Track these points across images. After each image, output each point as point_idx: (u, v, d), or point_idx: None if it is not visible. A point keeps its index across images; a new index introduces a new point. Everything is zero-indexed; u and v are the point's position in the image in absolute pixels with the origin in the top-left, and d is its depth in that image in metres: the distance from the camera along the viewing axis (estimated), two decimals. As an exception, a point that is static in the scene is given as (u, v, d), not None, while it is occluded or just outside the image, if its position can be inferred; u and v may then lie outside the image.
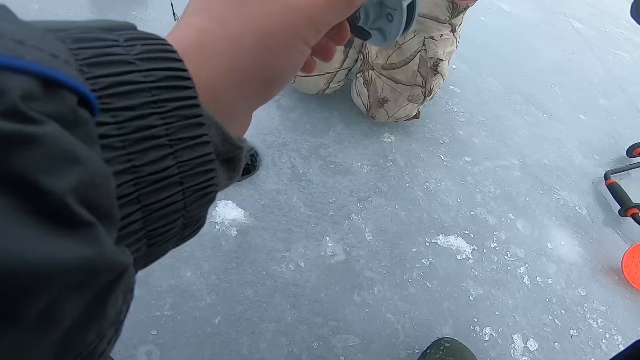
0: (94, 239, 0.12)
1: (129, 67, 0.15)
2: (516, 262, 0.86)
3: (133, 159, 0.15)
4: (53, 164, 0.11)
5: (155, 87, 0.15)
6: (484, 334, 0.75)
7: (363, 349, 0.69)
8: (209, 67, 0.19)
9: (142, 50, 0.15)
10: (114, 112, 0.14)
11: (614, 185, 1.02)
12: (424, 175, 0.97)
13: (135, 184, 0.15)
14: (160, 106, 0.15)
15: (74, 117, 0.12)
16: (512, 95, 1.27)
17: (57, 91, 0.12)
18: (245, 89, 0.20)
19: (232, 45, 0.19)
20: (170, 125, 0.15)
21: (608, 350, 0.78)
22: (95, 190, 0.12)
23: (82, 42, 0.14)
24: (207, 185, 0.17)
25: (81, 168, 0.11)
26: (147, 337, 0.64)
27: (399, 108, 0.96)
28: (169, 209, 0.16)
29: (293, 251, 0.78)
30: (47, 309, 0.11)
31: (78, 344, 0.12)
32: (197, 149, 0.16)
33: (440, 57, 0.87)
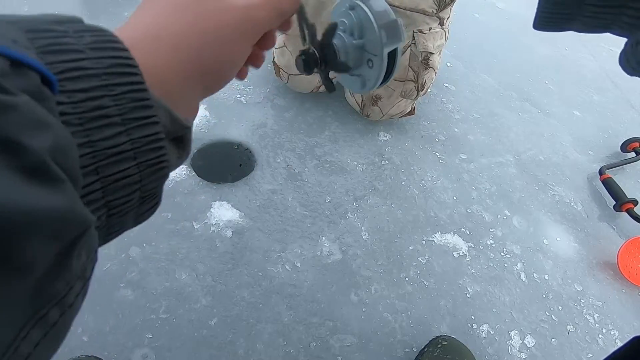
0: (67, 193, 0.13)
1: (80, 55, 0.16)
2: (512, 258, 0.86)
3: (90, 134, 0.16)
4: (31, 126, 0.12)
5: (105, 73, 0.17)
6: (482, 331, 0.75)
7: (360, 349, 0.69)
8: (156, 57, 0.21)
9: (91, 40, 0.17)
10: (69, 94, 0.16)
11: (609, 180, 1.02)
12: (419, 173, 0.97)
13: (93, 157, 0.16)
14: (111, 90, 0.17)
15: (40, 92, 0.14)
16: (506, 92, 1.27)
17: (23, 70, 0.13)
18: (190, 78, 0.23)
19: (177, 39, 0.22)
20: (121, 107, 0.17)
21: (605, 345, 0.78)
22: (63, 154, 0.14)
23: (35, 32, 0.16)
24: (159, 160, 0.19)
25: (52, 133, 0.13)
26: (142, 341, 0.63)
27: (392, 105, 0.96)
28: (126, 181, 0.18)
29: (289, 251, 0.78)
30: (26, 254, 0.12)
31: (49, 291, 0.14)
32: (147, 127, 0.18)
33: (431, 50, 0.87)
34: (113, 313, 0.65)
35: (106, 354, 0.61)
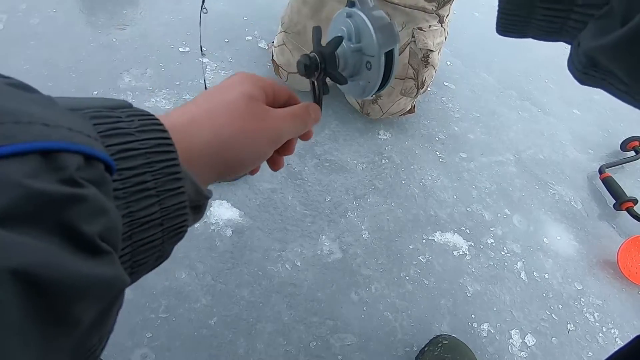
0: (113, 263, 0.16)
1: (131, 138, 0.20)
2: (513, 257, 0.86)
3: (130, 206, 0.19)
4: (91, 215, 0.15)
5: (148, 152, 0.21)
6: (482, 330, 0.75)
7: (361, 348, 0.69)
8: (191, 141, 0.26)
9: (139, 124, 0.21)
10: (120, 172, 0.19)
11: (609, 179, 1.02)
12: (419, 172, 0.97)
13: (130, 225, 0.19)
14: (151, 166, 0.20)
15: (103, 179, 0.17)
16: (506, 90, 1.27)
17: (93, 163, 0.17)
18: (212, 164, 0.27)
19: (212, 131, 0.27)
20: (158, 180, 0.21)
21: (605, 343, 0.78)
22: (112, 231, 0.17)
23: (98, 119, 0.20)
24: (180, 226, 0.23)
25: (107, 217, 0.16)
26: (142, 340, 0.63)
27: (392, 103, 0.96)
28: (151, 244, 0.21)
29: (289, 250, 0.77)
30: (76, 313, 0.14)
31: (86, 345, 0.16)
32: (176, 197, 0.22)
33: (430, 48, 0.86)
34: (112, 312, 0.65)
35: (105, 353, 0.61)
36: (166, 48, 1.05)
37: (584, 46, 0.23)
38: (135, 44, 1.05)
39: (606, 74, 0.23)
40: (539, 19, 0.25)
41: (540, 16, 0.25)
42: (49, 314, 0.13)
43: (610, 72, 0.22)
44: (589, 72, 0.24)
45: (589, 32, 0.22)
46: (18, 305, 0.12)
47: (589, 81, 0.25)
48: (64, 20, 1.06)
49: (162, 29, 1.09)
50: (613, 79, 0.22)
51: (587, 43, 0.23)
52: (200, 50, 0.83)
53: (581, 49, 0.23)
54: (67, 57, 0.98)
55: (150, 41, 1.06)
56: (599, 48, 0.22)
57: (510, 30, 0.27)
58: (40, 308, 0.13)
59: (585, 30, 0.23)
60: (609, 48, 0.21)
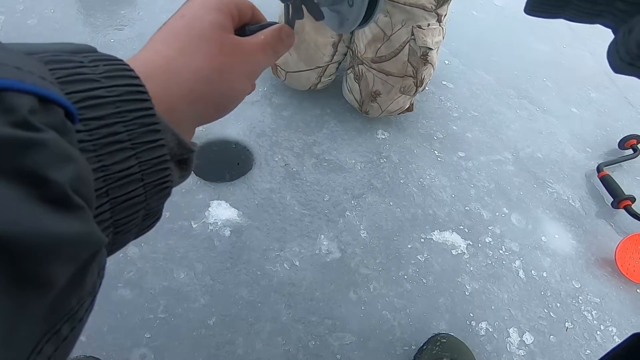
0: (86, 219, 0.15)
1: (96, 84, 0.18)
2: (511, 256, 0.87)
3: (102, 159, 0.18)
4: (56, 161, 0.14)
5: (118, 101, 0.19)
6: (480, 329, 0.75)
7: (359, 347, 0.69)
8: (170, 87, 0.24)
9: (105, 69, 0.19)
10: (85, 122, 0.17)
11: (607, 177, 1.02)
12: (418, 171, 0.97)
13: (105, 180, 0.18)
14: (123, 116, 0.19)
15: (64, 126, 0.15)
16: (504, 89, 1.27)
17: (50, 106, 0.15)
18: (196, 108, 0.25)
19: (191, 73, 0.25)
20: (132, 132, 0.19)
21: (603, 341, 0.79)
22: (83, 183, 0.15)
23: (55, 63, 0.17)
24: (163, 181, 0.21)
25: (75, 165, 0.15)
26: (140, 340, 0.63)
27: (391, 101, 0.96)
28: (133, 201, 0.19)
29: (288, 250, 0.78)
30: (48, 274, 0.13)
31: (63, 307, 0.15)
32: (155, 150, 0.20)
33: (430, 46, 0.87)
34: (111, 313, 0.65)
35: (104, 354, 0.61)
36: (164, 48, 1.05)
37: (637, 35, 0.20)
38: (134, 45, 1.05)
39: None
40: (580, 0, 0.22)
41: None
42: (16, 276, 0.12)
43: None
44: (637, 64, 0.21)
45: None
46: None
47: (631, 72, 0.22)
48: (62, 20, 1.06)
49: (160, 29, 1.09)
50: None
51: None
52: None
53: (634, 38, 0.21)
54: (65, 58, 0.98)
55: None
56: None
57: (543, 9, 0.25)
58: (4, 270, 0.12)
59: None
60: None
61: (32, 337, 0.13)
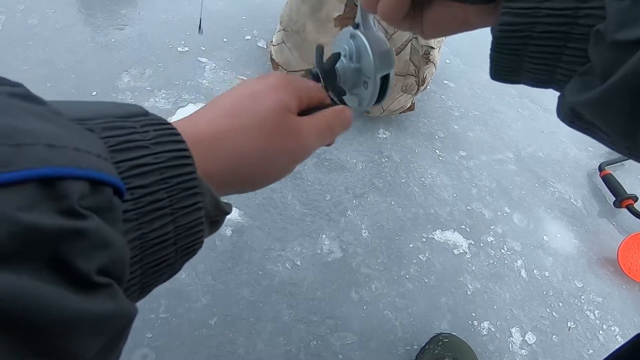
0: (115, 296, 0.15)
1: (145, 152, 0.18)
2: (513, 255, 0.86)
3: (142, 227, 0.18)
4: (90, 250, 0.14)
5: (163, 167, 0.19)
6: (482, 329, 0.75)
7: (361, 347, 0.69)
8: (213, 156, 0.24)
9: (155, 135, 0.19)
10: (132, 190, 0.18)
11: (609, 176, 1.02)
12: (419, 170, 0.97)
13: (141, 247, 0.18)
14: (166, 182, 0.19)
15: (110, 205, 0.16)
16: (506, 88, 1.26)
17: (101, 188, 0.15)
18: (231, 182, 0.25)
19: (234, 152, 0.25)
20: (173, 197, 0.19)
21: (605, 341, 0.78)
22: (116, 264, 0.16)
23: (109, 130, 0.18)
24: (194, 243, 0.21)
25: (110, 250, 0.15)
26: (142, 341, 0.63)
27: (393, 100, 0.96)
28: (162, 265, 0.20)
29: (289, 250, 0.77)
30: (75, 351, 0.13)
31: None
32: (192, 214, 0.20)
33: (432, 45, 0.87)
34: (112, 313, 0.65)
35: (106, 354, 0.61)
36: (165, 48, 1.05)
37: (567, 99, 0.24)
38: (134, 44, 1.04)
39: (590, 125, 0.23)
40: (529, 70, 0.26)
41: (530, 68, 0.26)
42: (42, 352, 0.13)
43: (592, 124, 0.23)
44: (575, 122, 0.25)
45: (572, 87, 0.23)
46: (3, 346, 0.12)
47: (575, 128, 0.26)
48: (63, 20, 1.06)
49: (161, 28, 1.09)
50: (596, 129, 0.23)
51: (571, 97, 0.23)
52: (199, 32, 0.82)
53: (566, 102, 0.24)
54: (65, 58, 0.98)
55: (149, 41, 1.06)
56: (581, 103, 0.22)
57: (503, 78, 0.28)
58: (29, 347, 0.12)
59: (570, 84, 0.24)
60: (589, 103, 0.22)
61: None
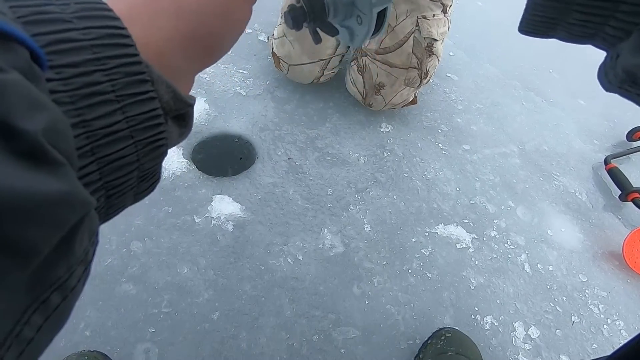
0: (68, 177, 0.13)
1: (67, 25, 0.15)
2: (516, 249, 0.86)
3: (82, 113, 0.15)
4: (24, 107, 0.11)
5: (95, 45, 0.16)
6: (485, 323, 0.74)
7: (363, 341, 0.68)
8: (153, 27, 0.20)
9: (77, 8, 0.16)
10: (58, 69, 0.14)
11: (614, 170, 1.01)
12: (422, 164, 0.96)
13: (88, 137, 0.15)
14: (103, 63, 0.16)
15: (30, 70, 0.13)
16: (510, 81, 1.25)
17: (12, 45, 0.12)
18: (189, 51, 0.21)
19: (175, 5, 0.20)
20: (115, 82, 0.16)
21: (609, 335, 0.78)
22: (59, 135, 0.13)
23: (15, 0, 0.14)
24: (157, 138, 0.18)
25: (47, 114, 0.12)
26: (144, 335, 0.63)
27: (395, 93, 0.95)
28: (123, 161, 0.17)
29: (291, 244, 0.77)
30: (26, 240, 0.11)
31: (50, 276, 0.13)
32: (144, 104, 0.17)
33: (435, 37, 0.85)
34: (115, 308, 0.65)
35: (109, 348, 0.61)
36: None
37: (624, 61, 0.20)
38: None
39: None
40: (572, 22, 0.22)
41: (574, 19, 0.22)
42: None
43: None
44: (624, 87, 0.22)
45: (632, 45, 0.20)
46: None
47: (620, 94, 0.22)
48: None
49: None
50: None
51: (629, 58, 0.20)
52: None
53: (620, 63, 0.21)
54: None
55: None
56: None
57: (536, 30, 0.25)
58: None
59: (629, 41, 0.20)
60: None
61: (15, 308, 0.12)
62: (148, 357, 0.62)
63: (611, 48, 0.22)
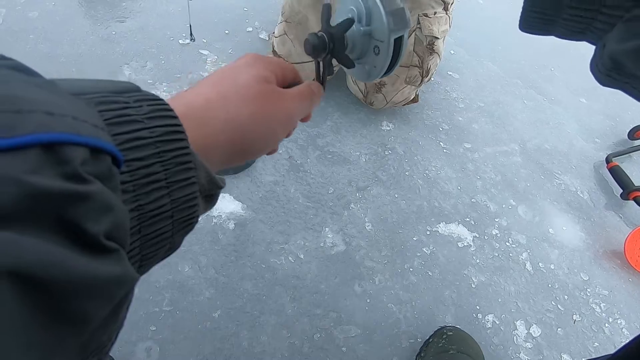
0: (121, 261, 0.16)
1: (139, 125, 0.19)
2: (518, 248, 0.86)
3: (139, 199, 0.18)
4: (96, 213, 0.15)
5: (158, 141, 0.19)
6: (487, 322, 0.74)
7: (365, 340, 0.68)
8: (206, 126, 0.25)
9: (148, 110, 0.20)
10: (128, 163, 0.18)
11: (616, 168, 1.01)
12: (423, 163, 0.96)
13: (139, 219, 0.18)
14: (161, 156, 0.19)
15: (110, 173, 0.16)
16: (511, 79, 1.25)
17: (100, 156, 0.16)
18: (226, 150, 0.26)
19: (228, 117, 0.26)
20: (168, 171, 0.19)
21: (611, 334, 0.78)
22: (119, 229, 0.16)
23: (104, 104, 0.18)
24: (191, 217, 0.21)
25: (113, 214, 0.15)
26: (146, 334, 0.63)
27: (396, 91, 0.94)
28: (160, 237, 0.20)
29: (292, 243, 0.77)
30: (85, 314, 0.14)
31: (95, 343, 0.16)
32: (186, 188, 0.20)
33: (436, 35, 0.85)
34: (116, 306, 0.65)
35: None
36: (166, 40, 1.04)
37: (609, 49, 0.22)
38: (135, 37, 1.04)
39: (630, 78, 0.22)
40: (566, 18, 0.24)
41: (568, 15, 0.24)
42: (54, 314, 0.13)
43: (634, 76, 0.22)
44: (612, 75, 0.23)
45: (616, 35, 0.22)
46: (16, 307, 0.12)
47: (611, 84, 0.24)
48: (63, 13, 1.05)
49: (162, 20, 1.08)
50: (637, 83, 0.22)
51: (614, 46, 0.22)
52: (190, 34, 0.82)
53: (606, 52, 0.23)
54: (66, 51, 0.97)
55: (149, 33, 1.05)
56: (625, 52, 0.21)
57: (534, 27, 0.27)
58: (43, 308, 0.12)
59: (613, 32, 0.22)
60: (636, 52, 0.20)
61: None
62: (149, 355, 0.62)
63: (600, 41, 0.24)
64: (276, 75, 0.31)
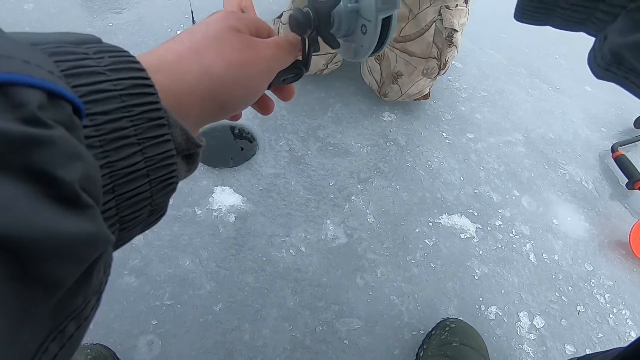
0: (96, 218, 0.14)
1: (101, 77, 0.17)
2: (521, 239, 0.85)
3: (108, 155, 0.17)
4: (65, 159, 0.13)
5: (124, 94, 0.18)
6: (490, 313, 0.74)
7: (367, 332, 0.68)
8: (179, 81, 0.23)
9: (110, 62, 0.18)
10: (91, 117, 0.17)
11: (622, 157, 0.99)
12: (425, 154, 0.94)
13: (111, 177, 0.17)
14: (129, 110, 0.18)
15: (72, 122, 0.15)
16: (515, 68, 1.23)
17: (58, 102, 0.14)
18: (205, 106, 0.25)
19: (202, 69, 0.24)
20: (138, 127, 0.18)
21: (615, 325, 0.77)
22: (91, 181, 0.15)
23: (59, 55, 0.17)
24: (169, 177, 0.20)
25: (83, 163, 0.14)
26: (147, 327, 0.63)
27: (412, 83, 0.93)
28: (138, 197, 0.19)
29: (293, 236, 0.76)
30: (55, 275, 0.13)
31: (69, 306, 0.15)
32: (160, 146, 0.19)
33: (455, 27, 0.84)
34: (117, 300, 0.65)
35: (112, 341, 0.61)
36: (163, 31, 1.03)
37: (611, 41, 0.21)
38: (132, 28, 1.02)
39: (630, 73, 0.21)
40: (564, 7, 0.23)
41: (567, 4, 0.23)
42: (24, 277, 0.12)
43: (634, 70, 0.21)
44: (611, 69, 0.23)
45: (618, 27, 0.21)
46: None
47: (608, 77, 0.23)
48: (59, 5, 1.04)
49: (159, 11, 1.07)
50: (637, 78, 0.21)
51: (615, 39, 0.21)
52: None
53: (607, 44, 0.22)
54: (63, 43, 0.96)
55: (147, 25, 1.03)
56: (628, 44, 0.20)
57: (531, 17, 0.26)
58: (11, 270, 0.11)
59: (615, 24, 0.21)
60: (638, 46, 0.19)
61: (38, 336, 0.13)
62: (151, 349, 0.62)
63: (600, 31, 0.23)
64: (249, 28, 0.29)
